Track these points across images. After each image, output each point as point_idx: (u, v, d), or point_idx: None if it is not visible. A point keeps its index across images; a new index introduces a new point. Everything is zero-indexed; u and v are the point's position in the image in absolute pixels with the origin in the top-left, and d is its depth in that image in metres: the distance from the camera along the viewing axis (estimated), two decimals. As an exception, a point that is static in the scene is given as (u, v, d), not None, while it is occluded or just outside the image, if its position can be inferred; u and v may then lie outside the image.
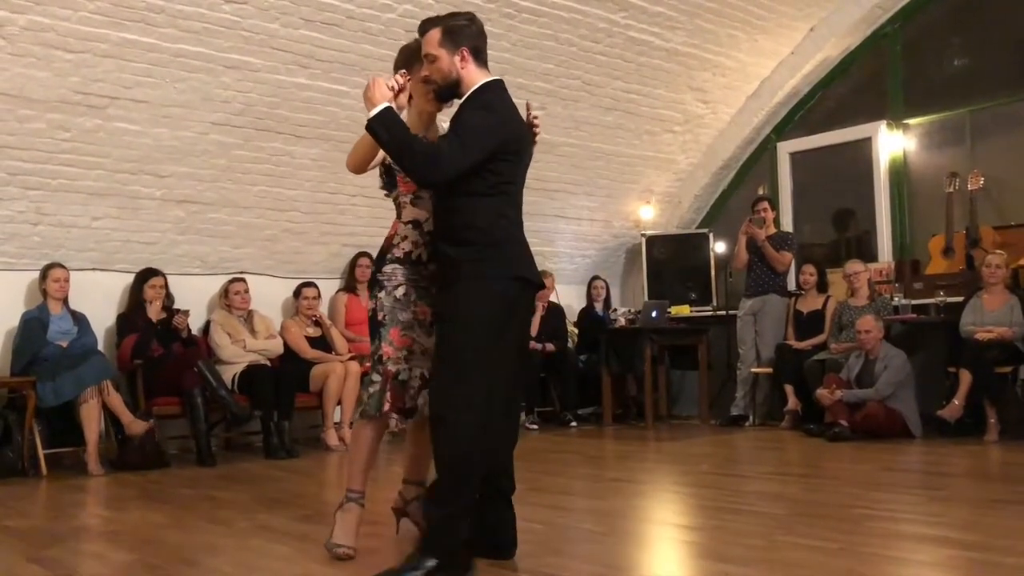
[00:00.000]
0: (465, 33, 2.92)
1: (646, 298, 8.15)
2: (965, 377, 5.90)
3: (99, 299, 6.08)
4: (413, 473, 3.29)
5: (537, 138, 3.14)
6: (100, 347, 5.82)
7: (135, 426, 5.35)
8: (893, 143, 7.51)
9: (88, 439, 5.27)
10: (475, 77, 2.93)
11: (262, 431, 5.90)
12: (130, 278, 6.13)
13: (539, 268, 8.76)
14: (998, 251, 6.27)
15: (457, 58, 2.90)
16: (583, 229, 8.39)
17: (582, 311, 8.30)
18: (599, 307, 8.21)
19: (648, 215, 8.54)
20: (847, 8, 7.41)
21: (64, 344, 5.51)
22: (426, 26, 2.96)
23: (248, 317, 6.34)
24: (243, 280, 6.42)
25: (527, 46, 6.48)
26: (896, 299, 6.83)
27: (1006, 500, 3.96)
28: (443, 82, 2.91)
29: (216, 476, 5.10)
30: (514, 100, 3.05)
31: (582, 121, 7.35)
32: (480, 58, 2.96)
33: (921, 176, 7.44)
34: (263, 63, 5.67)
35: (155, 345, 5.81)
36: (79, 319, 5.71)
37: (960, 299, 6.34)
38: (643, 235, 8.47)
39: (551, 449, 6.28)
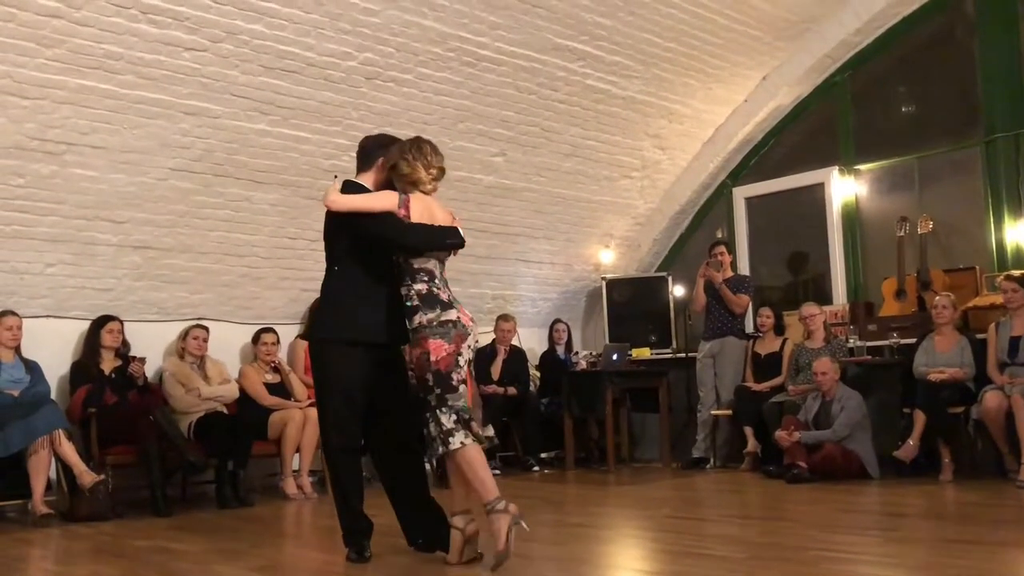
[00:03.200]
0: None
1: (607, 341, 8.20)
2: (919, 418, 5.99)
3: (53, 347, 5.98)
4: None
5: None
6: (53, 395, 5.70)
7: (86, 477, 5.23)
8: (845, 188, 7.69)
9: (34, 489, 5.15)
10: None
11: (217, 480, 5.80)
12: (85, 325, 6.04)
13: (501, 312, 8.75)
14: (946, 293, 6.41)
15: None
16: (544, 273, 8.45)
17: (544, 354, 8.32)
18: (561, 350, 8.24)
19: (608, 259, 8.63)
20: (798, 58, 7.63)
21: (15, 393, 5.40)
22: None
23: (201, 363, 6.26)
24: (206, 328, 6.36)
25: (487, 93, 6.57)
26: (851, 341, 6.94)
27: (960, 540, 4.01)
28: None
29: (171, 526, 4.99)
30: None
31: (542, 167, 7.45)
32: None
33: (872, 220, 7.62)
34: (223, 109, 5.68)
35: (109, 393, 5.71)
36: (32, 367, 5.61)
37: (913, 341, 6.46)
38: (603, 279, 8.54)
39: (513, 494, 6.19)
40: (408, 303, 3.64)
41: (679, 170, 8.34)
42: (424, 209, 3.72)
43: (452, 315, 3.62)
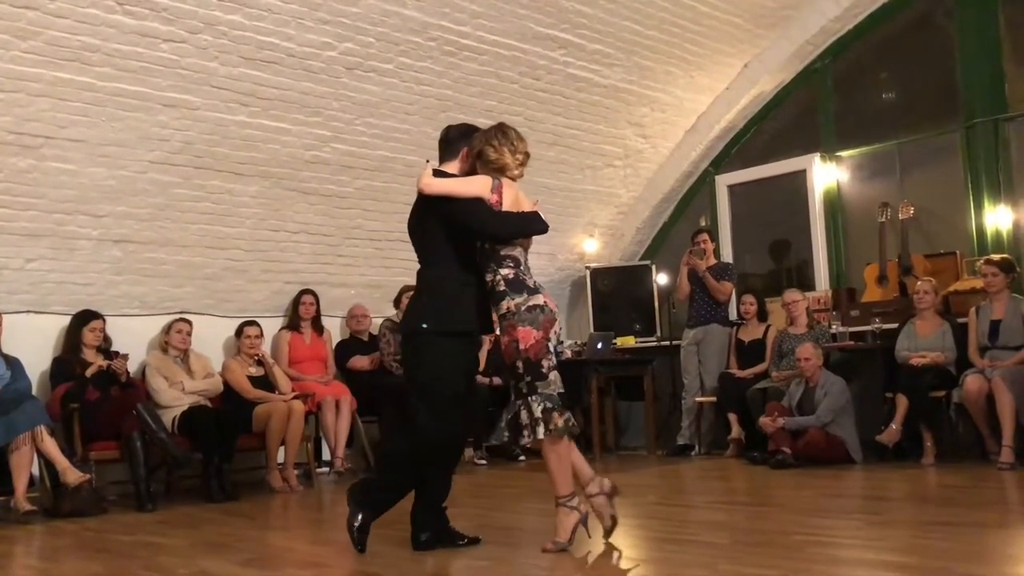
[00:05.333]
0: None
1: (591, 330, 8.21)
2: (902, 402, 6.04)
3: (34, 342, 5.93)
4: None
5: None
6: (35, 391, 5.66)
7: (70, 475, 5.18)
8: (827, 175, 7.72)
9: (16, 486, 5.11)
10: None
11: (202, 474, 5.78)
12: (66, 320, 5.99)
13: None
14: (927, 278, 6.45)
15: None
16: (528, 262, 8.42)
17: (528, 344, 8.31)
18: (545, 340, 8.22)
19: (592, 248, 8.63)
20: (779, 45, 7.64)
21: (-4, 389, 5.35)
22: None
23: (184, 357, 6.23)
24: (189, 322, 6.32)
25: (469, 83, 6.55)
26: (834, 327, 6.98)
27: (941, 522, 4.04)
28: None
29: (155, 521, 4.97)
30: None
31: (524, 156, 7.42)
32: None
33: (854, 207, 7.66)
34: (202, 101, 5.64)
35: (91, 389, 5.67)
36: (12, 363, 5.55)
37: (895, 326, 6.51)
38: (587, 268, 8.55)
39: (499, 484, 6.26)
40: (495, 288, 3.63)
41: (662, 158, 8.34)
42: (514, 196, 3.72)
43: (539, 300, 3.62)
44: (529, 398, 3.55)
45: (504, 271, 3.63)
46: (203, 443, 5.71)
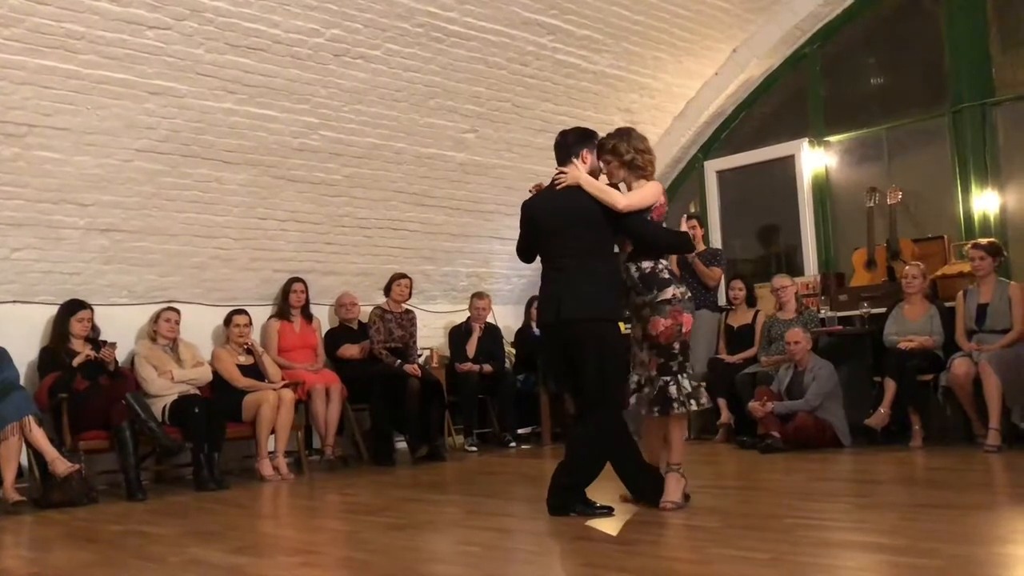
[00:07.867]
0: None
1: (581, 317, 8.19)
2: (890, 386, 6.07)
3: (21, 332, 5.88)
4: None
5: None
6: (22, 382, 5.62)
7: (59, 465, 5.16)
8: (815, 160, 7.73)
9: (5, 477, 5.08)
10: None
11: (192, 463, 5.77)
12: (53, 310, 5.95)
13: (476, 289, 8.71)
14: (915, 262, 6.48)
15: None
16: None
17: (519, 331, 8.32)
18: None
19: (581, 234, 8.61)
20: (768, 29, 7.63)
21: (-17, 380, 5.31)
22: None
23: (173, 346, 6.20)
24: (177, 311, 6.29)
25: (456, 69, 6.52)
26: (822, 311, 7.01)
27: (930, 504, 4.08)
28: None
29: (146, 511, 4.96)
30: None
31: (513, 143, 7.41)
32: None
33: (842, 191, 7.67)
34: (188, 89, 5.60)
35: (79, 379, 5.64)
36: (-1, 354, 5.52)
37: (883, 310, 6.53)
38: (577, 254, 8.53)
39: (490, 471, 6.27)
40: (657, 275, 4.03)
41: (651, 144, 8.30)
42: None
43: (688, 293, 4.13)
44: (679, 375, 3.99)
45: (664, 261, 4.08)
46: (193, 432, 5.69)
